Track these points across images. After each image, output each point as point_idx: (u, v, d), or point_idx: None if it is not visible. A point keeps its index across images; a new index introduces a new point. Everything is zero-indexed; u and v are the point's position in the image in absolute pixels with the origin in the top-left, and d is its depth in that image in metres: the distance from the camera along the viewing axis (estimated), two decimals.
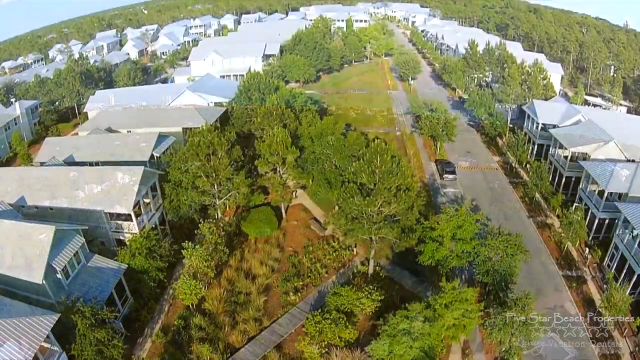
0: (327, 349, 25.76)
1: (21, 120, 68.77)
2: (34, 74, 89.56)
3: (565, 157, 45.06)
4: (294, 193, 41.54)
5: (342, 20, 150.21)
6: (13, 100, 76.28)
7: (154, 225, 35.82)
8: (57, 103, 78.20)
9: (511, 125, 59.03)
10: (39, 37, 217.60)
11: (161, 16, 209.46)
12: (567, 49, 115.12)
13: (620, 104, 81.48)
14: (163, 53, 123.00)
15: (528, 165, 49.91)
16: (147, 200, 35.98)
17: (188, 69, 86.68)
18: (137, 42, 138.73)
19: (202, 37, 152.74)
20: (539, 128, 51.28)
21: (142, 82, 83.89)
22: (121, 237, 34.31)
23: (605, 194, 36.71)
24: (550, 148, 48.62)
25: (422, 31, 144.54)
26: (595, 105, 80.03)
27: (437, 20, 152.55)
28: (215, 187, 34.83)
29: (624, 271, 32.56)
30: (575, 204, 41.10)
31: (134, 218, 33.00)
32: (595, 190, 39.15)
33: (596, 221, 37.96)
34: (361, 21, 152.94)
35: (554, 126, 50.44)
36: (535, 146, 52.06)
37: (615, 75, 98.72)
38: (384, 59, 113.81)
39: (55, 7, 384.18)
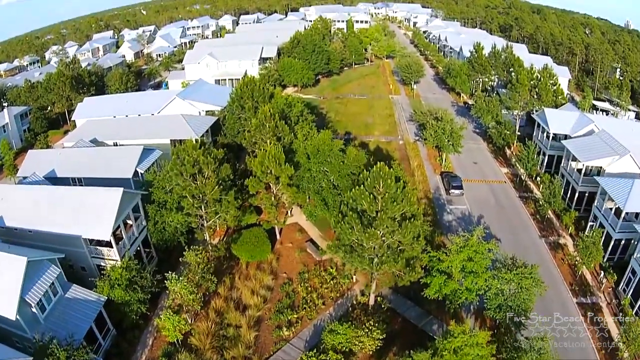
0: None
1: (10, 128, 66.45)
2: (24, 78, 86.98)
3: (579, 171, 42.44)
4: (289, 212, 38.99)
5: (343, 21, 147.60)
6: (5, 105, 73.79)
7: (138, 248, 33.40)
8: (48, 109, 75.77)
9: (519, 134, 56.40)
10: (37, 37, 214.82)
11: (159, 17, 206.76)
12: (573, 51, 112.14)
13: (629, 109, 78.71)
14: (159, 55, 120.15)
15: (538, 178, 47.34)
16: (129, 222, 33.53)
17: (183, 72, 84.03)
18: (133, 44, 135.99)
19: (200, 39, 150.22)
20: (550, 138, 48.68)
21: (135, 87, 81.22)
22: (102, 264, 31.87)
23: (623, 214, 34.18)
24: (563, 160, 45.96)
25: (424, 32, 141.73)
26: (603, 111, 77.56)
27: (439, 21, 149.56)
28: (203, 208, 32.26)
29: None
30: (589, 223, 38.60)
31: (114, 244, 30.55)
32: (611, 209, 36.56)
33: (612, 242, 35.47)
34: (362, 22, 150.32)
35: (566, 136, 47.96)
36: (546, 157, 49.44)
37: (622, 78, 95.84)
38: (385, 61, 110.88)
39: (56, 7, 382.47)
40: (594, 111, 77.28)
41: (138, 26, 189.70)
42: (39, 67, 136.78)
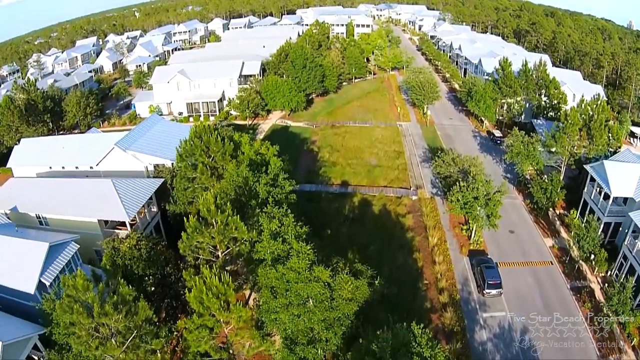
0: None
1: None
2: None
3: None
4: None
5: (342, 25, 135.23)
6: None
7: None
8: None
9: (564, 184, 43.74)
10: (27, 42, 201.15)
11: (147, 20, 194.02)
12: (600, 62, 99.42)
13: None
14: (138, 66, 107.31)
15: (592, 256, 35.12)
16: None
17: (152, 93, 71.67)
18: (111, 53, 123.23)
19: (187, 45, 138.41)
20: (610, 201, 36.60)
21: (97, 112, 69.01)
22: None
23: None
24: (626, 237, 33.78)
25: (432, 37, 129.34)
26: None
27: (448, 26, 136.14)
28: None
29: None
30: None
31: None
32: None
33: None
34: (363, 26, 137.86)
35: (625, 200, 36.16)
36: (601, 224, 37.08)
37: None
38: (390, 73, 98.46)
39: (57, 8, 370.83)
40: (632, 139, 65.33)
41: (125, 31, 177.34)
42: (19, 77, 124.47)
